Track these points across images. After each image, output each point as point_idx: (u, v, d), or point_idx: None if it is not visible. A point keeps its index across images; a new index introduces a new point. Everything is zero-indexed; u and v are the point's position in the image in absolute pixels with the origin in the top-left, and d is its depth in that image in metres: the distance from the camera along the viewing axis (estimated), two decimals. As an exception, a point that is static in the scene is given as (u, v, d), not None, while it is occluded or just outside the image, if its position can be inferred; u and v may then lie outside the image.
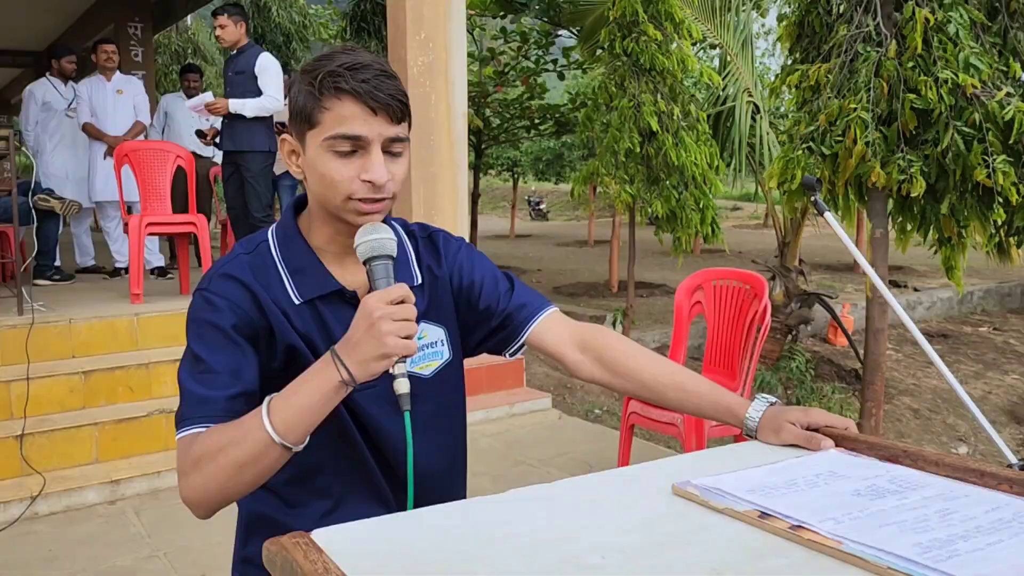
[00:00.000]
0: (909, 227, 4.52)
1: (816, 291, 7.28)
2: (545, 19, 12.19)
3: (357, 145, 1.16)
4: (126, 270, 6.39)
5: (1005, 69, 4.00)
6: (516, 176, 22.20)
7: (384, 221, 1.26)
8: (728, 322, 3.75)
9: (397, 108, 1.17)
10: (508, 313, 1.36)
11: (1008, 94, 3.91)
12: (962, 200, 4.13)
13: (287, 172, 6.98)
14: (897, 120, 3.94)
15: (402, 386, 1.09)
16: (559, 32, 13.17)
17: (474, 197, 12.34)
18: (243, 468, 1.07)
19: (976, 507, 0.85)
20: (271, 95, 5.37)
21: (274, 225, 1.31)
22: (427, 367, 1.32)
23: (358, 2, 9.98)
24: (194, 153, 6.20)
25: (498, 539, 0.83)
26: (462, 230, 6.19)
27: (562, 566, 0.77)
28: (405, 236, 1.36)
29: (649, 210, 6.79)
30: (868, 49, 3.99)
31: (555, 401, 5.69)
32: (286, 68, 10.17)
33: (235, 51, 5.52)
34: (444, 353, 1.34)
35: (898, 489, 0.91)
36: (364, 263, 1.15)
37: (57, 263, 6.11)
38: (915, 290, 10.15)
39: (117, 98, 6.44)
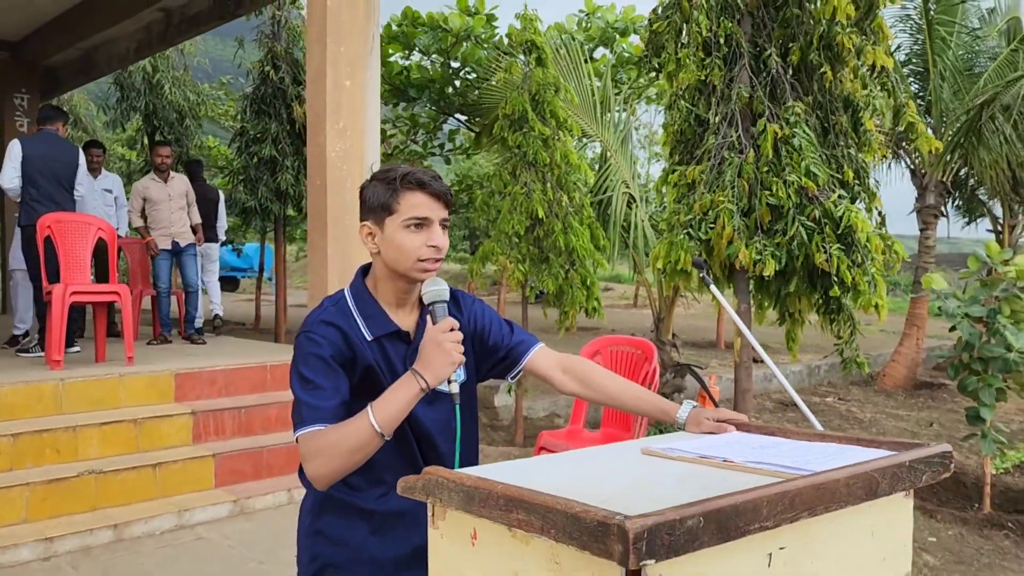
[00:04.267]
0: (766, 303, 5.35)
1: (687, 363, 8.10)
2: (435, 108, 12.97)
3: (424, 223, 1.68)
4: (24, 335, 6.46)
5: (839, 176, 4.93)
6: (397, 254, 22.69)
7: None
8: (623, 381, 4.38)
9: (446, 196, 1.71)
10: (510, 348, 1.89)
11: (840, 196, 4.82)
12: (803, 282, 4.98)
13: (189, 246, 7.24)
14: (755, 212, 4.77)
15: (455, 387, 1.61)
16: (446, 119, 14.01)
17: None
18: (355, 452, 1.57)
19: (827, 449, 1.43)
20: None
21: (349, 285, 1.79)
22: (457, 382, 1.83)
23: (258, 86, 10.39)
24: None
25: (549, 471, 1.35)
26: (372, 303, 6.63)
27: (603, 474, 1.29)
28: None
29: (536, 287, 7.47)
30: (732, 155, 4.83)
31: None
32: (180, 143, 10.40)
33: None
34: (462, 375, 1.84)
35: (777, 444, 1.49)
36: (428, 305, 1.66)
37: None
38: (758, 362, 11.26)
39: None
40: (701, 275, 2.67)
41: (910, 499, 1.35)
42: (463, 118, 13.41)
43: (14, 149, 5.79)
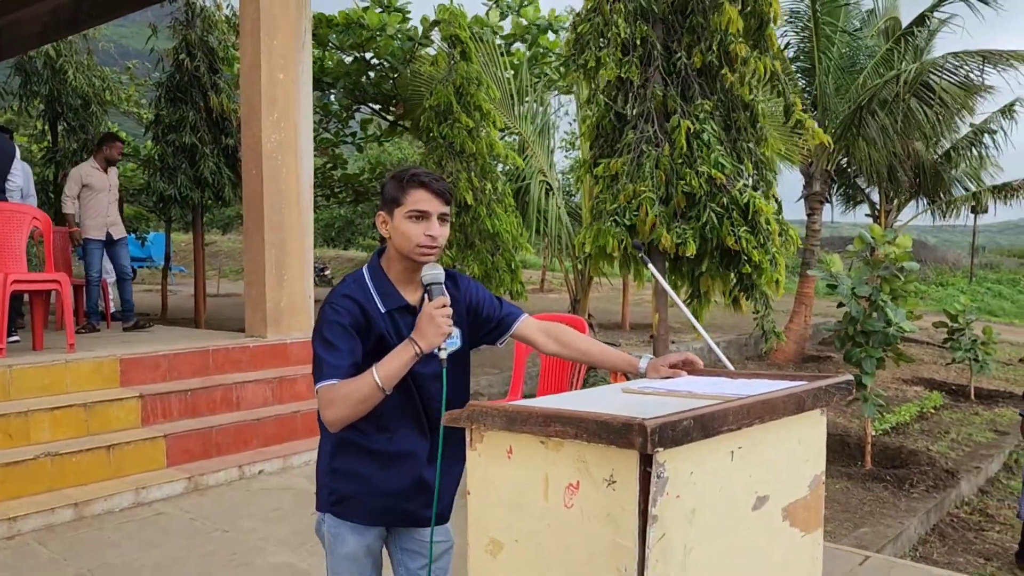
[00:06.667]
0: (680, 284, 5.90)
1: (604, 341, 8.64)
2: (349, 97, 13.08)
3: (424, 215, 2.03)
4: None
5: (741, 167, 5.50)
6: (305, 242, 22.61)
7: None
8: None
9: (445, 195, 2.06)
10: (500, 318, 2.26)
11: (745, 184, 5.39)
12: (714, 262, 5.54)
13: (120, 239, 7.26)
14: (673, 200, 5.30)
15: (443, 354, 1.98)
16: (359, 108, 14.12)
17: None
18: (360, 403, 1.93)
19: (762, 383, 1.88)
20: None
21: (366, 265, 2.13)
22: (448, 349, 2.15)
23: (172, 73, 10.31)
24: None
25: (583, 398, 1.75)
26: (308, 286, 6.86)
27: (601, 404, 1.69)
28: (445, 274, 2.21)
29: (462, 270, 7.86)
30: (649, 148, 5.33)
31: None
32: (85, 129, 10.23)
33: None
34: (458, 342, 2.20)
35: (724, 382, 1.94)
36: (426, 286, 2.02)
37: None
38: (672, 342, 11.99)
39: None
40: (640, 255, 3.11)
41: (824, 416, 1.82)
42: (376, 107, 13.57)
43: None
